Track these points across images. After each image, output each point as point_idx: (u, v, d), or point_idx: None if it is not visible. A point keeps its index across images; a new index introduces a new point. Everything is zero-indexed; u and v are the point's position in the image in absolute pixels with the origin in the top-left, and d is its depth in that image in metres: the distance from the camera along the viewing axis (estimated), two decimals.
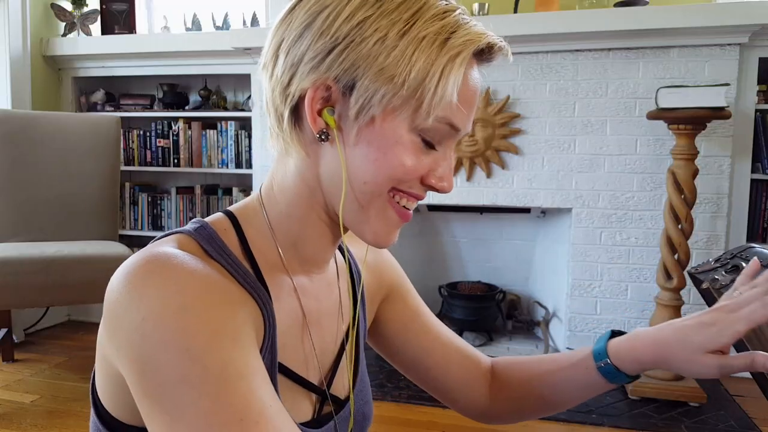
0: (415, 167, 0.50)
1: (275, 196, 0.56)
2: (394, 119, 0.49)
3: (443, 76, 0.47)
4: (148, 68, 2.80)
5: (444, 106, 0.48)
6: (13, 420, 1.83)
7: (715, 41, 2.10)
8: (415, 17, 0.48)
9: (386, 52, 0.47)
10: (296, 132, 0.52)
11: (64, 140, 2.36)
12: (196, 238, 0.51)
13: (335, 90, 0.49)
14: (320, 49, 0.48)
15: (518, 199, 2.34)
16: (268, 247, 0.55)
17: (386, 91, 0.47)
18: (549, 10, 2.29)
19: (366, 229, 0.53)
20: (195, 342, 0.41)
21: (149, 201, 2.87)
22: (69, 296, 1.96)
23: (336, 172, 0.51)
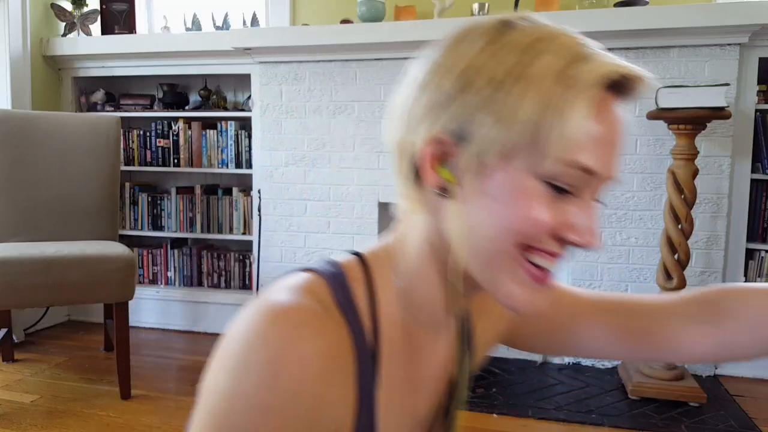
0: (544, 220, 0.44)
1: (403, 253, 0.53)
2: (513, 167, 0.44)
3: (564, 111, 0.42)
4: (148, 68, 2.80)
5: (568, 146, 0.42)
6: (13, 420, 1.83)
7: (715, 41, 2.10)
8: (531, 57, 0.43)
9: (499, 97, 0.43)
10: (418, 191, 0.49)
11: (64, 140, 2.36)
12: (330, 284, 0.50)
13: (449, 143, 0.46)
14: (434, 102, 0.46)
15: None
16: (395, 307, 0.53)
17: (501, 138, 0.43)
18: (549, 10, 2.30)
19: (499, 292, 0.48)
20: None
21: (149, 201, 2.87)
22: (69, 296, 1.96)
23: (458, 230, 0.47)
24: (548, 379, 2.19)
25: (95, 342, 2.58)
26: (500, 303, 0.49)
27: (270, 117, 2.54)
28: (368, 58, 2.40)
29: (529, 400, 2.00)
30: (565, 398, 2.02)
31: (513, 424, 1.85)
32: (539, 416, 1.89)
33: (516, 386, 2.13)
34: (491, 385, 2.12)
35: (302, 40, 2.42)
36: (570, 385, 2.14)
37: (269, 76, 2.52)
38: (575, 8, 2.37)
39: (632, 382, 2.01)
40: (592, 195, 0.46)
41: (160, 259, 2.87)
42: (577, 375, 2.23)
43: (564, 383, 2.16)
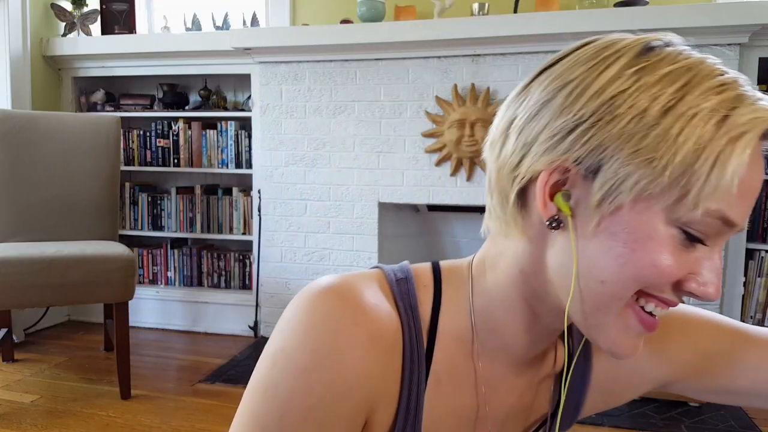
0: (671, 269, 0.41)
1: (485, 272, 0.51)
2: (647, 209, 0.40)
3: (720, 160, 0.38)
4: (148, 68, 2.80)
5: (718, 197, 0.39)
6: (13, 420, 1.83)
7: (715, 41, 2.10)
8: (683, 91, 0.40)
9: (644, 131, 0.39)
10: (521, 215, 0.46)
11: (64, 140, 2.36)
12: (393, 287, 0.51)
13: (574, 173, 0.42)
14: (560, 128, 0.42)
15: None
16: (462, 322, 0.51)
17: (641, 176, 0.39)
18: (549, 10, 2.29)
19: (601, 336, 0.45)
20: (290, 411, 0.45)
21: (149, 201, 2.87)
22: (69, 296, 1.96)
23: (566, 265, 0.44)
24: None
25: (95, 342, 2.58)
26: (599, 345, 0.46)
27: (270, 117, 2.54)
28: (368, 58, 2.40)
29: None
30: None
31: None
32: None
33: None
34: None
35: (302, 40, 2.42)
36: None
37: (269, 76, 2.52)
38: (575, 8, 2.37)
39: None
40: (720, 245, 0.43)
41: (160, 259, 2.87)
42: None
43: None
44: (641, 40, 0.43)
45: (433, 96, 2.37)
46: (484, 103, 2.30)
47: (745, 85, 0.41)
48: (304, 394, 0.44)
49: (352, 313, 0.46)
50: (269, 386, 0.45)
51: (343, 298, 0.46)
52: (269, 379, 0.45)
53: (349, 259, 2.50)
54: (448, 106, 2.35)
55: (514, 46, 2.25)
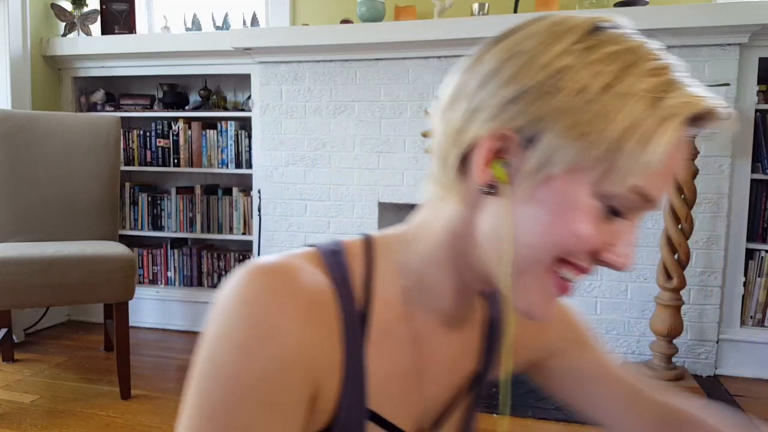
0: (591, 238, 0.44)
1: (419, 237, 0.53)
2: (576, 180, 0.43)
3: (649, 140, 0.41)
4: (148, 68, 2.80)
5: (642, 174, 0.42)
6: (13, 420, 1.83)
7: (715, 41, 2.10)
8: (624, 71, 0.42)
9: (583, 107, 0.41)
10: (459, 180, 0.48)
11: (64, 140, 2.36)
12: (325, 258, 0.51)
13: (514, 142, 0.44)
14: (505, 96, 0.44)
15: None
16: (394, 285, 0.53)
17: (575, 149, 0.42)
18: (549, 10, 2.29)
19: (520, 298, 0.48)
20: (234, 390, 0.44)
21: (149, 201, 2.87)
22: (69, 296, 1.96)
23: (495, 229, 0.46)
24: None
25: (95, 342, 2.58)
26: (516, 306, 0.48)
27: (270, 117, 2.54)
28: (368, 58, 2.40)
29: (529, 400, 2.00)
30: None
31: (513, 424, 1.85)
32: (539, 416, 1.89)
33: (516, 386, 2.12)
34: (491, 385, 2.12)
35: (302, 40, 2.42)
36: None
37: (269, 76, 2.52)
38: (575, 8, 2.37)
39: None
40: (637, 219, 0.46)
41: (160, 259, 2.87)
42: None
43: None
44: (592, 20, 0.45)
45: (433, 96, 2.37)
46: None
47: (678, 71, 0.44)
48: (247, 372, 0.44)
49: (284, 287, 0.46)
50: (211, 371, 0.45)
51: (273, 274, 0.46)
52: (209, 364, 0.45)
53: None
54: None
55: None
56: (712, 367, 2.25)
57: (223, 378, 0.44)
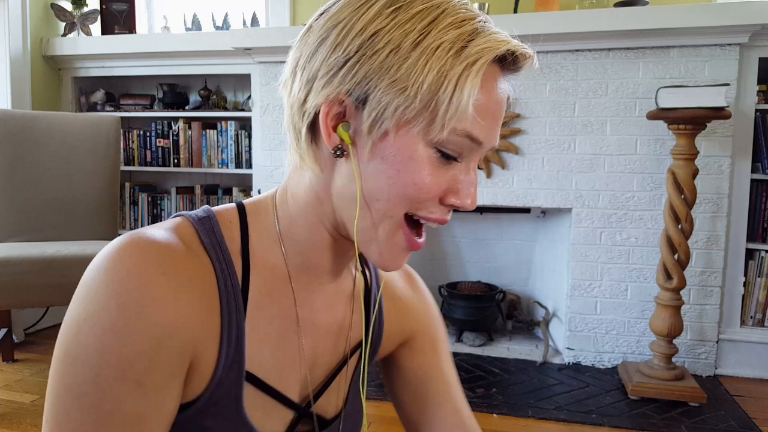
0: (431, 185, 0.48)
1: (288, 201, 0.55)
2: (407, 133, 0.47)
3: (458, 85, 0.45)
4: (148, 68, 2.80)
5: (460, 117, 0.46)
6: (13, 420, 1.83)
7: (715, 41, 2.10)
8: (430, 27, 0.46)
9: (398, 64, 0.45)
10: (313, 148, 0.51)
11: (64, 140, 2.36)
12: (197, 226, 0.52)
13: (349, 104, 0.48)
14: (333, 63, 0.47)
15: (518, 199, 2.34)
16: (271, 249, 0.55)
17: (399, 103, 0.46)
18: (549, 10, 2.29)
19: (372, 248, 0.51)
20: (104, 371, 0.44)
21: (149, 201, 2.87)
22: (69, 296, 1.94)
23: (348, 188, 0.50)
24: (548, 379, 2.19)
25: None
26: (368, 257, 0.52)
27: (270, 117, 2.54)
28: None
29: (529, 400, 2.00)
30: (565, 398, 2.02)
31: (513, 424, 1.85)
32: (539, 416, 1.89)
33: (516, 386, 2.13)
34: (491, 385, 2.12)
35: None
36: (570, 385, 2.14)
37: (269, 76, 2.52)
38: (575, 8, 2.37)
39: (632, 382, 2.01)
40: (474, 162, 0.50)
41: None
42: (577, 375, 2.23)
43: (564, 383, 2.16)
44: None
45: None
46: None
47: (483, 20, 0.47)
48: (116, 352, 0.43)
49: (156, 262, 0.46)
50: (78, 353, 0.44)
51: (143, 250, 0.46)
52: (75, 346, 0.44)
53: None
54: None
55: None
56: (712, 367, 2.24)
57: (91, 360, 0.43)
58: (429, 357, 0.69)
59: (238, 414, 0.52)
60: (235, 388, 0.51)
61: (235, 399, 0.51)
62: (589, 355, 2.33)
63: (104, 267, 0.45)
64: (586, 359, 2.33)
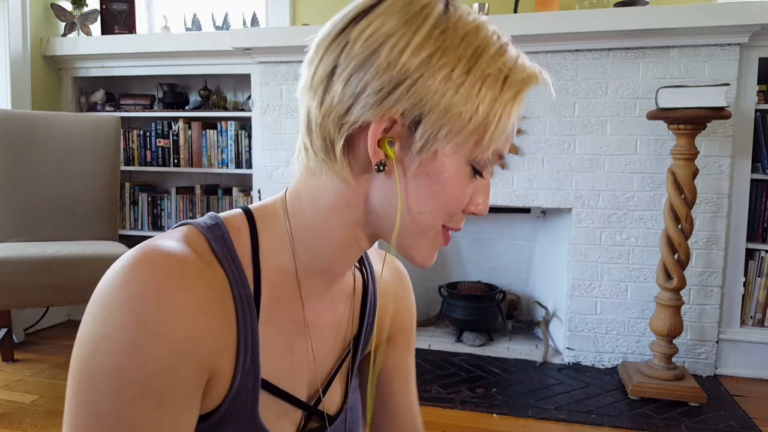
0: (464, 197, 0.52)
1: (302, 206, 0.55)
2: (455, 153, 0.50)
3: (505, 112, 0.49)
4: (148, 68, 2.80)
5: (502, 140, 0.51)
6: (13, 420, 1.83)
7: (715, 41, 2.10)
8: (477, 53, 0.48)
9: (454, 89, 0.47)
10: (347, 159, 0.51)
11: (64, 140, 2.36)
12: (207, 235, 0.51)
13: (399, 124, 0.49)
14: (387, 81, 0.47)
15: (518, 199, 2.34)
16: (281, 255, 0.55)
17: (452, 127, 0.48)
18: (549, 10, 2.29)
19: (416, 254, 0.55)
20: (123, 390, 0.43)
21: (149, 201, 2.87)
22: (69, 296, 1.96)
23: (388, 200, 0.52)
24: (548, 379, 2.19)
25: None
26: (410, 260, 0.55)
27: (270, 117, 2.54)
28: None
29: (529, 400, 2.00)
30: (565, 398, 2.02)
31: (513, 424, 1.85)
32: (539, 416, 1.89)
33: (516, 386, 2.13)
34: (491, 385, 2.12)
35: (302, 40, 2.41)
36: (570, 385, 2.14)
37: (269, 76, 2.52)
38: (575, 8, 2.37)
39: (632, 382, 2.01)
40: (491, 172, 0.55)
41: None
42: (577, 375, 2.23)
43: (564, 383, 2.16)
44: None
45: None
46: None
47: (512, 45, 0.51)
48: (136, 370, 0.43)
49: (172, 277, 0.45)
50: (96, 373, 0.43)
51: (158, 264, 0.45)
52: (93, 365, 0.43)
53: None
54: None
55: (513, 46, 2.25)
56: (712, 367, 2.24)
57: (110, 379, 0.43)
58: (403, 355, 0.73)
59: (254, 420, 0.53)
60: (252, 396, 0.52)
61: (251, 407, 0.52)
62: (589, 355, 2.33)
63: (119, 283, 0.45)
64: (586, 359, 2.33)
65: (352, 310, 0.64)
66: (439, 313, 2.73)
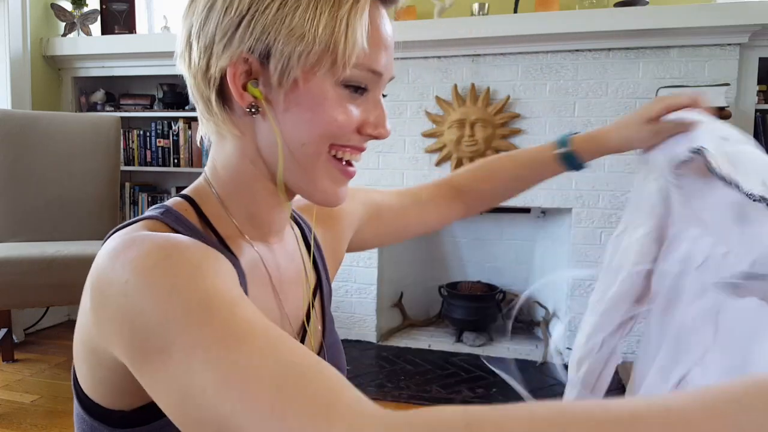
0: (348, 120, 0.51)
1: (220, 175, 0.56)
2: (315, 77, 0.49)
3: (349, 24, 0.48)
4: (148, 68, 2.80)
5: (358, 53, 0.49)
6: (13, 420, 1.83)
7: (715, 41, 2.10)
8: None
9: (291, 13, 0.47)
10: (226, 112, 0.52)
11: (64, 140, 2.36)
12: (164, 221, 0.51)
13: (253, 61, 0.49)
14: (228, 25, 0.48)
15: (518, 199, 2.34)
16: (225, 222, 0.56)
17: (300, 51, 0.48)
18: (549, 10, 2.29)
19: (314, 190, 0.54)
20: (176, 280, 0.40)
21: (149, 201, 2.87)
22: (69, 296, 1.96)
23: (274, 142, 0.52)
24: (548, 379, 2.19)
25: None
26: (314, 200, 0.55)
27: None
28: None
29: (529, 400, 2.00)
30: None
31: None
32: None
33: None
34: (491, 385, 2.12)
35: None
36: None
37: None
38: (575, 8, 2.37)
39: None
40: (379, 94, 0.54)
41: None
42: None
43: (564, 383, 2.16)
44: None
45: (433, 96, 2.37)
46: (484, 103, 2.30)
47: None
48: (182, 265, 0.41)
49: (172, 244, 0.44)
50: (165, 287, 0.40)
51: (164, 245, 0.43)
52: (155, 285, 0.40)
53: (349, 259, 2.50)
54: (448, 106, 2.35)
55: (514, 46, 2.25)
56: None
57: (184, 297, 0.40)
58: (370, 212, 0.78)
59: None
60: None
61: None
62: None
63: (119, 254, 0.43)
64: None
65: (305, 260, 0.66)
66: (439, 313, 2.73)
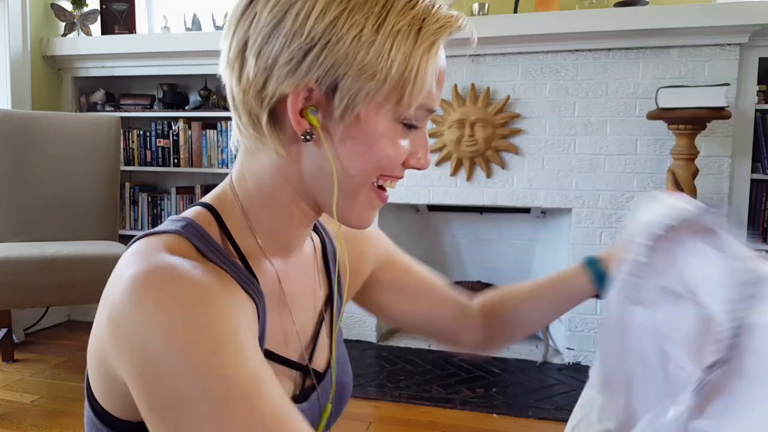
0: (398, 155, 0.52)
1: (249, 188, 0.56)
2: (377, 114, 0.49)
3: (421, 67, 0.48)
4: (148, 68, 2.80)
5: (424, 95, 0.50)
6: (13, 420, 1.83)
7: (715, 41, 2.10)
8: (386, 8, 0.47)
9: (365, 49, 0.47)
10: (276, 133, 0.51)
11: (64, 140, 2.36)
12: (186, 237, 0.50)
13: (317, 91, 0.49)
14: (296, 50, 0.47)
15: (518, 199, 2.34)
16: (246, 235, 0.56)
17: (369, 88, 0.48)
18: (549, 10, 2.29)
19: (352, 215, 0.55)
20: (196, 361, 0.41)
21: (149, 201, 2.87)
22: (69, 296, 1.96)
23: (322, 169, 0.52)
24: (548, 379, 2.19)
25: None
26: (347, 223, 0.56)
27: None
28: None
29: (529, 400, 2.00)
30: (565, 398, 2.02)
31: (513, 424, 1.85)
32: (539, 416, 1.89)
33: (516, 386, 2.13)
34: (491, 385, 2.12)
35: None
36: (570, 385, 2.14)
37: None
38: (575, 8, 2.37)
39: None
40: (425, 125, 0.55)
41: None
42: (577, 375, 2.23)
43: (564, 383, 2.16)
44: None
45: None
46: (484, 103, 2.30)
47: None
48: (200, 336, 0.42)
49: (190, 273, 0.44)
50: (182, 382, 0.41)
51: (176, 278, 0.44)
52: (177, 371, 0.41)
53: None
54: (448, 106, 2.34)
55: (514, 46, 2.25)
56: None
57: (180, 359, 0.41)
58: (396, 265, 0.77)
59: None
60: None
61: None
62: (589, 355, 2.33)
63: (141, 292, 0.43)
64: (586, 359, 2.33)
65: (318, 270, 0.67)
66: None
